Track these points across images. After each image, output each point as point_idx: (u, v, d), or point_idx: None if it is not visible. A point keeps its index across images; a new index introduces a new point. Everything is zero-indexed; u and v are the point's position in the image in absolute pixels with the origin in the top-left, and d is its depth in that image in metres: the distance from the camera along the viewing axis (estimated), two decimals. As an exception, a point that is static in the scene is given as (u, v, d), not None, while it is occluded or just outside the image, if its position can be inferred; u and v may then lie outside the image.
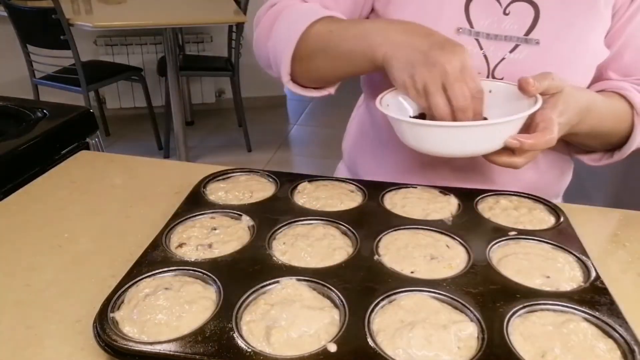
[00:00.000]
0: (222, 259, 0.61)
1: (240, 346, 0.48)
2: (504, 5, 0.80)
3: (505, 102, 0.75)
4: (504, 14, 0.80)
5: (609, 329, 0.52)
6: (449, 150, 0.70)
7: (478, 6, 0.81)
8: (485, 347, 0.48)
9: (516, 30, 0.80)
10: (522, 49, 0.80)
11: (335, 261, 0.61)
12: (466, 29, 0.81)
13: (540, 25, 0.79)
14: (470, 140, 0.68)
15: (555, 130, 0.69)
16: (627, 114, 0.82)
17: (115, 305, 0.54)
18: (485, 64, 0.81)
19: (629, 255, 0.69)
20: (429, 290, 0.56)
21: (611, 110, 0.81)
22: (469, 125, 0.67)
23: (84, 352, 0.52)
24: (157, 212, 0.75)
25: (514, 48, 0.80)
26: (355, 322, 0.51)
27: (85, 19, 2.67)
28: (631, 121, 0.82)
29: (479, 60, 0.81)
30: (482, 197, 0.76)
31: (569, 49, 0.80)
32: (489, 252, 0.63)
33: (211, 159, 3.34)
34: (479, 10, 0.81)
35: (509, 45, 0.80)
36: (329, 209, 0.72)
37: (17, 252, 0.67)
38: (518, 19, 0.80)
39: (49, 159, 0.98)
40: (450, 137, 0.68)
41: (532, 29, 0.80)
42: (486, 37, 0.81)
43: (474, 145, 0.69)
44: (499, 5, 0.80)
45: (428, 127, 0.68)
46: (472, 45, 0.81)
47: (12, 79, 3.32)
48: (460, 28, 0.81)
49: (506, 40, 0.80)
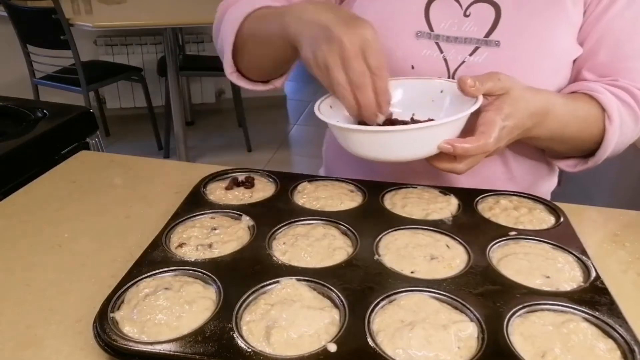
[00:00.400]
0: (222, 259, 0.61)
1: (240, 346, 0.48)
2: (464, 6, 0.79)
3: (453, 103, 0.73)
4: (465, 15, 0.79)
5: (609, 329, 0.52)
6: (387, 155, 0.68)
7: (438, 8, 0.79)
8: (485, 347, 0.48)
9: (476, 32, 0.78)
10: (482, 51, 0.78)
11: (335, 261, 0.61)
12: (425, 32, 0.79)
13: (501, 26, 0.78)
14: (405, 144, 0.66)
15: (493, 135, 0.66)
16: (596, 118, 0.77)
17: (115, 305, 0.54)
18: (446, 67, 0.80)
19: (629, 255, 0.69)
20: (429, 290, 0.56)
21: (576, 114, 0.76)
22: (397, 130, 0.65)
23: (84, 352, 0.52)
24: (157, 212, 0.75)
25: (474, 50, 0.79)
26: (355, 322, 0.51)
27: (85, 19, 2.67)
28: (602, 125, 0.77)
29: (439, 64, 0.80)
30: (482, 197, 0.76)
31: (531, 49, 0.78)
32: (489, 252, 0.63)
33: (211, 159, 3.34)
34: (439, 12, 0.79)
35: (468, 47, 0.79)
36: (329, 209, 0.72)
37: (17, 252, 0.67)
38: (478, 21, 0.78)
39: (49, 159, 0.98)
40: (383, 141, 0.66)
41: (493, 30, 0.78)
42: (446, 40, 0.79)
43: (410, 149, 0.66)
44: (460, 7, 0.79)
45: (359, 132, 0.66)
46: (431, 49, 0.80)
47: (12, 79, 3.32)
48: (419, 32, 0.79)
49: (466, 42, 0.79)
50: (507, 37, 0.77)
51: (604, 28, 0.78)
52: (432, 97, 0.77)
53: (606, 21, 0.78)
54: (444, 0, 0.80)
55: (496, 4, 0.78)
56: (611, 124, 0.76)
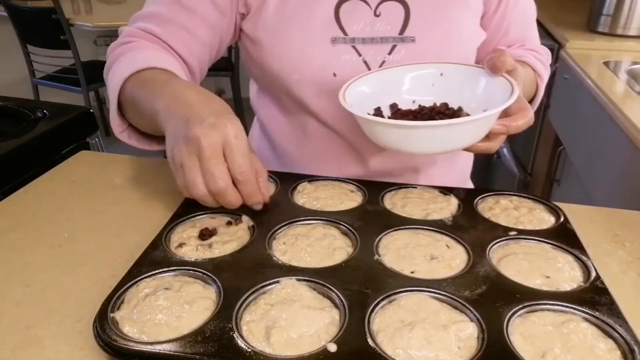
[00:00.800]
0: (222, 259, 0.61)
1: (240, 346, 0.48)
2: (373, 7, 0.79)
3: (462, 83, 0.74)
4: (375, 15, 0.80)
5: (609, 329, 0.52)
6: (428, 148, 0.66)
7: (347, 11, 0.79)
8: (485, 347, 0.48)
9: (390, 30, 0.80)
10: (399, 48, 0.80)
11: (335, 261, 0.61)
12: (340, 37, 0.79)
13: (412, 22, 0.80)
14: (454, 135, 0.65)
15: (530, 107, 0.70)
16: (532, 78, 0.90)
17: (115, 305, 0.54)
18: (367, 70, 0.80)
19: (629, 255, 0.69)
20: (429, 290, 0.56)
21: (527, 77, 0.85)
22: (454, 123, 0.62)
23: (84, 352, 0.52)
24: (157, 212, 0.75)
25: (392, 49, 0.80)
26: (355, 322, 0.51)
27: (85, 19, 2.68)
28: (535, 84, 0.91)
29: (361, 68, 0.80)
30: (482, 197, 0.76)
31: (444, 40, 0.81)
32: (489, 252, 0.63)
33: (211, 159, 3.33)
34: (349, 15, 0.79)
35: (386, 47, 0.80)
36: (329, 209, 0.72)
37: (17, 252, 0.67)
38: (390, 19, 0.80)
39: (49, 159, 0.98)
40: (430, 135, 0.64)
41: (405, 27, 0.80)
42: (362, 42, 0.80)
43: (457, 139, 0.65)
44: (369, 8, 0.80)
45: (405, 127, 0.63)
46: (349, 53, 0.80)
47: (12, 79, 3.32)
48: (334, 37, 0.79)
49: (382, 42, 0.80)
50: (421, 32, 0.80)
51: (514, 13, 0.89)
52: (431, 81, 0.78)
53: (514, 5, 0.88)
54: (351, 3, 0.80)
55: (404, 2, 0.80)
56: (542, 81, 0.92)
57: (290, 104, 0.88)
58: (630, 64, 1.71)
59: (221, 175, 0.59)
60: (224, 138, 0.59)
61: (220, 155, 0.59)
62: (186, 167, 0.59)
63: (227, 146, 0.59)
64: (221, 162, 0.59)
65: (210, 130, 0.58)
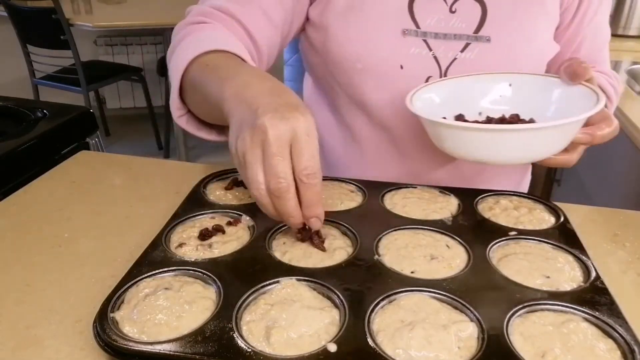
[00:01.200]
0: (222, 259, 0.61)
1: (240, 346, 0.48)
2: (449, 3, 0.78)
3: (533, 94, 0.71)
4: (451, 11, 0.78)
5: (609, 329, 0.52)
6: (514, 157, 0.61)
7: (422, 4, 0.78)
8: (485, 347, 0.48)
9: (465, 28, 0.78)
10: (473, 47, 0.78)
11: (335, 261, 0.61)
12: (412, 29, 0.77)
13: (488, 22, 0.78)
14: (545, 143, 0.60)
15: (613, 116, 0.67)
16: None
17: (115, 305, 0.54)
18: (437, 65, 0.79)
19: (629, 255, 0.69)
20: (429, 290, 0.56)
21: None
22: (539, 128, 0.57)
23: (84, 352, 0.52)
24: (157, 212, 0.75)
25: (465, 47, 0.78)
26: (355, 322, 0.51)
27: (85, 19, 2.68)
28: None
29: (430, 63, 0.79)
30: (482, 197, 0.76)
31: (518, 45, 0.79)
32: (489, 252, 0.63)
33: (211, 159, 3.34)
34: (424, 8, 0.78)
35: (459, 44, 0.78)
36: (329, 209, 0.72)
37: (17, 252, 0.67)
38: (465, 17, 0.78)
39: (49, 159, 0.98)
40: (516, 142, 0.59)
41: (481, 26, 0.78)
42: (434, 37, 0.78)
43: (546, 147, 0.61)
44: (445, 3, 0.78)
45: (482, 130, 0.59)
46: (420, 47, 0.78)
47: (12, 79, 3.32)
48: (406, 29, 0.77)
49: (456, 39, 0.78)
50: (497, 32, 0.78)
51: (588, 28, 0.84)
52: (500, 92, 0.75)
53: (589, 22, 0.84)
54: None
55: (481, 0, 0.78)
56: (612, 106, 0.87)
57: (344, 98, 0.86)
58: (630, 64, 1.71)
59: (284, 174, 0.52)
60: (293, 133, 0.52)
61: (286, 151, 0.52)
62: (248, 161, 0.53)
63: (296, 143, 0.52)
64: (287, 160, 0.52)
65: (280, 121, 0.52)
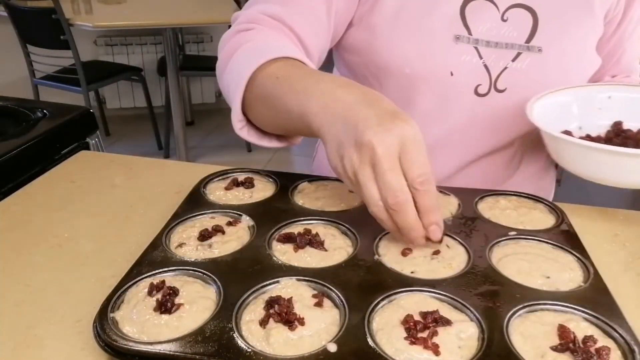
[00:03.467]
0: (222, 259, 0.61)
1: (240, 346, 0.48)
2: (501, 10, 0.77)
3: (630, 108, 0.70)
4: (502, 20, 0.77)
5: (609, 329, 0.52)
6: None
7: (474, 11, 0.76)
8: (485, 347, 0.48)
9: (516, 37, 0.77)
10: (524, 57, 0.77)
11: (335, 261, 0.61)
12: (464, 36, 0.76)
13: (540, 32, 0.77)
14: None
15: None
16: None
17: (115, 305, 0.54)
18: (487, 74, 0.77)
19: (629, 255, 0.69)
20: (429, 290, 0.56)
21: None
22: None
23: (84, 352, 0.52)
24: (157, 212, 0.74)
25: (516, 56, 0.77)
26: (355, 322, 0.51)
27: (85, 19, 2.68)
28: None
29: (480, 71, 0.78)
30: (482, 197, 0.76)
31: (569, 56, 0.78)
32: (488, 252, 0.63)
33: (211, 159, 3.34)
34: (476, 15, 0.77)
35: (510, 53, 0.77)
36: (329, 209, 0.72)
37: (17, 252, 0.67)
38: (517, 26, 0.77)
39: (49, 159, 0.98)
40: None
41: (532, 36, 0.76)
42: (486, 45, 0.76)
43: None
44: (497, 10, 0.77)
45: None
46: (470, 54, 0.77)
47: (12, 79, 3.32)
48: (458, 35, 0.76)
49: (507, 48, 0.77)
50: (548, 43, 0.77)
51: (629, 40, 0.83)
52: (597, 105, 0.75)
53: (630, 34, 0.83)
54: (479, 3, 0.76)
55: (532, 10, 0.76)
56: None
57: None
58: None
59: (400, 187, 0.51)
60: (401, 143, 0.51)
61: (397, 163, 0.51)
62: (361, 181, 0.53)
63: (405, 153, 0.51)
64: (400, 172, 0.52)
65: (385, 135, 0.51)
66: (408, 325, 0.50)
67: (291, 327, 0.50)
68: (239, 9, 3.06)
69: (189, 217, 0.69)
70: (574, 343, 0.49)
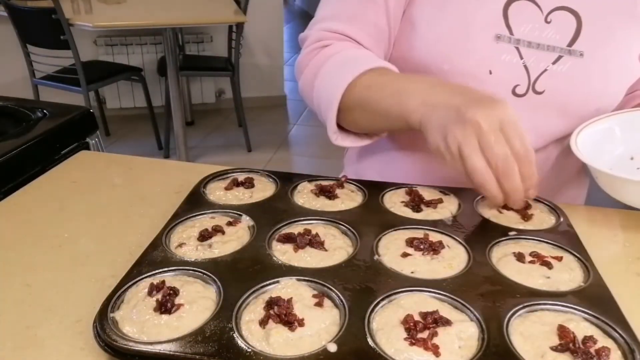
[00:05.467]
0: (222, 259, 0.61)
1: (240, 346, 0.48)
2: (545, 12, 0.76)
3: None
4: (546, 22, 0.76)
5: (609, 329, 0.52)
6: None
7: (517, 11, 0.76)
8: (485, 347, 0.48)
9: (558, 40, 0.76)
10: (565, 60, 0.76)
11: (335, 261, 0.61)
12: (505, 35, 0.76)
13: (583, 36, 0.75)
14: None
15: None
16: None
17: (115, 305, 0.54)
18: (526, 75, 0.77)
19: (629, 255, 0.69)
20: (429, 290, 0.56)
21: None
22: None
23: (84, 352, 0.52)
24: (157, 212, 0.74)
25: (557, 59, 0.76)
26: (355, 322, 0.51)
27: (85, 19, 2.67)
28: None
29: (519, 71, 0.77)
30: (482, 197, 0.76)
31: (612, 62, 0.77)
32: (488, 252, 0.63)
33: (211, 159, 3.34)
34: (519, 15, 0.76)
35: (551, 55, 0.76)
36: (329, 209, 0.72)
37: (17, 252, 0.67)
38: (560, 29, 0.76)
39: (49, 159, 0.98)
40: None
41: (575, 39, 0.75)
42: (527, 46, 0.76)
43: None
44: (540, 12, 0.76)
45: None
46: (511, 54, 0.76)
47: (12, 79, 3.32)
48: (499, 35, 0.76)
49: (548, 50, 0.76)
50: (591, 48, 0.76)
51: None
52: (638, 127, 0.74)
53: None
54: (523, 3, 0.76)
55: (577, 13, 0.75)
56: None
57: None
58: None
59: (508, 155, 0.58)
60: (502, 120, 0.58)
61: (500, 135, 0.59)
62: (466, 153, 0.59)
63: (506, 129, 0.59)
64: (505, 144, 0.59)
65: (488, 111, 0.58)
66: (408, 325, 0.50)
67: (291, 328, 0.50)
68: (239, 9, 3.06)
69: (189, 217, 0.69)
70: (573, 343, 0.49)
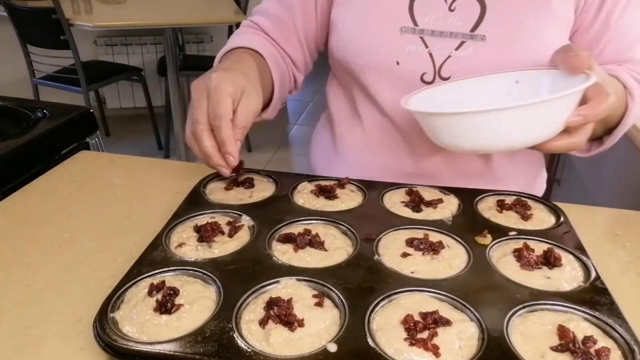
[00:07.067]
0: (222, 259, 0.61)
1: (240, 346, 0.48)
2: (449, 1, 0.79)
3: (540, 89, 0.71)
4: (450, 10, 0.79)
5: (609, 329, 0.52)
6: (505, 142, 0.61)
7: (423, 3, 0.80)
8: (485, 347, 0.48)
9: (461, 26, 0.79)
10: (467, 45, 0.79)
11: (335, 261, 0.61)
12: (409, 27, 0.80)
13: (486, 21, 0.78)
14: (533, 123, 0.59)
15: (609, 92, 0.64)
16: (622, 95, 0.78)
17: (115, 305, 0.54)
18: (431, 62, 0.80)
19: (629, 255, 0.69)
20: (429, 290, 0.56)
21: (616, 88, 0.76)
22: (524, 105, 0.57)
23: (84, 352, 0.52)
24: (157, 212, 0.74)
25: (460, 45, 0.79)
26: (355, 322, 0.51)
27: (85, 19, 2.67)
28: (624, 102, 0.78)
29: (425, 59, 0.80)
30: (482, 197, 0.76)
31: (521, 46, 0.79)
32: (489, 251, 0.63)
33: (211, 159, 3.33)
34: (424, 7, 0.80)
35: (454, 42, 0.79)
36: (329, 209, 0.72)
37: (17, 252, 0.67)
38: (464, 15, 0.79)
39: (49, 159, 0.98)
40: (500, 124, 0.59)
41: (478, 25, 0.78)
42: (431, 35, 0.80)
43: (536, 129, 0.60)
44: (444, 2, 0.79)
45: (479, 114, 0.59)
46: (416, 44, 0.80)
47: (12, 79, 3.32)
48: (404, 27, 0.80)
49: (451, 37, 0.79)
50: (493, 32, 0.78)
51: (614, 29, 0.81)
52: (506, 90, 0.76)
53: (615, 22, 0.80)
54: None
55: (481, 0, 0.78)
56: (632, 100, 0.78)
57: (356, 89, 0.90)
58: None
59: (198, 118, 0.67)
60: (207, 85, 0.68)
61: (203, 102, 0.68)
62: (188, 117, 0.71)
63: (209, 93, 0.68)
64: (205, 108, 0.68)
65: (201, 80, 0.70)
66: (408, 325, 0.50)
67: (291, 328, 0.50)
68: (239, 9, 3.06)
69: (189, 217, 0.69)
70: (573, 343, 0.49)
